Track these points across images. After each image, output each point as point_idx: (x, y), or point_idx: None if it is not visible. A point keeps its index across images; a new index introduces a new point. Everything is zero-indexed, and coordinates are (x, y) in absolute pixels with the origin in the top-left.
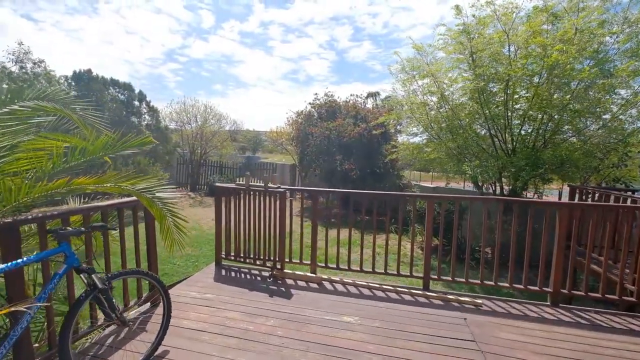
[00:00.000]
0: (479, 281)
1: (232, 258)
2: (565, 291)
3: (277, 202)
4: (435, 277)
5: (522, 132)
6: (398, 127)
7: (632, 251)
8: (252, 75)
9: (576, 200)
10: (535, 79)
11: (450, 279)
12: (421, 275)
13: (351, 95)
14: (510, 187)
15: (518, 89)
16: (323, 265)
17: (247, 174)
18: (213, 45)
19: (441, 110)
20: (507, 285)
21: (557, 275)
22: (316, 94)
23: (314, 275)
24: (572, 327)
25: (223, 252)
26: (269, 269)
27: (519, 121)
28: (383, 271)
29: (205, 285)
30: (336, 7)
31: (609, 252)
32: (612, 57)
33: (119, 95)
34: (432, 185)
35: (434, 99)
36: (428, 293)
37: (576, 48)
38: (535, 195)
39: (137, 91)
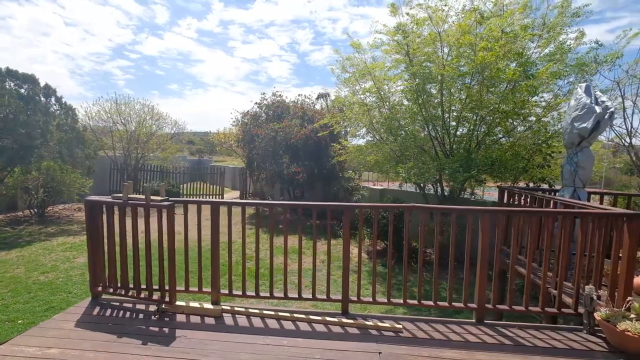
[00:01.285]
0: (401, 300)
1: (114, 290)
2: (489, 306)
3: (164, 218)
4: (355, 299)
5: (458, 134)
6: (345, 129)
7: (554, 250)
8: (212, 76)
9: (505, 201)
10: (468, 80)
11: (370, 299)
12: (339, 297)
13: (299, 95)
14: (449, 188)
15: (452, 90)
16: (226, 292)
17: (126, 184)
18: (168, 42)
19: (382, 110)
20: (431, 303)
21: (482, 290)
22: (263, 93)
23: (211, 307)
24: (494, 351)
25: (103, 283)
26: (156, 302)
27: (455, 123)
28: (297, 296)
29: (58, 335)
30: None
31: (531, 257)
32: (535, 60)
33: (18, 88)
34: (379, 187)
35: (374, 98)
36: (345, 320)
37: (502, 50)
38: (473, 196)
39: (42, 84)
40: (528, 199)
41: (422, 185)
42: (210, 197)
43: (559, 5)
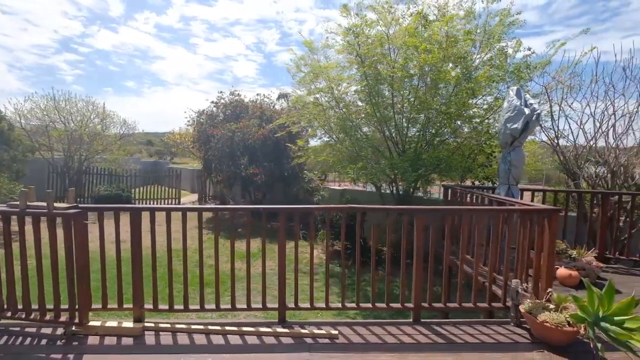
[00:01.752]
0: (340, 305)
1: (12, 313)
2: (425, 305)
3: (72, 227)
4: (293, 306)
5: (410, 134)
6: (305, 130)
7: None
8: (173, 73)
9: (449, 199)
10: (415, 82)
11: (309, 306)
12: (275, 305)
13: (257, 95)
14: (404, 187)
15: (402, 92)
16: (151, 307)
17: (24, 191)
18: (124, 36)
19: (336, 110)
20: (369, 306)
21: (418, 289)
22: (221, 92)
23: (131, 325)
24: (427, 351)
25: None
26: (63, 324)
27: (407, 123)
28: (230, 306)
29: None
30: (263, 10)
31: (464, 253)
32: (478, 65)
33: None
34: (340, 188)
35: (328, 98)
36: (280, 330)
37: (442, 53)
38: (426, 195)
39: None
40: (467, 197)
41: (378, 185)
42: (166, 201)
43: (499, 13)
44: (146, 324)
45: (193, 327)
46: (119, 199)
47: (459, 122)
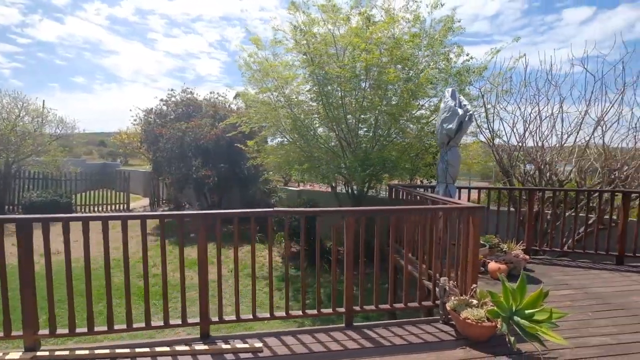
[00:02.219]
0: (268, 314)
1: None
2: (357, 308)
3: None
4: (217, 319)
5: (361, 134)
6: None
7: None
8: (129, 69)
9: (393, 197)
10: (363, 83)
11: (234, 318)
12: (197, 320)
13: (211, 93)
14: (357, 187)
15: (351, 92)
16: (46, 332)
17: None
18: (71, 27)
19: (288, 110)
20: (300, 313)
21: (349, 292)
22: (172, 89)
23: (16, 357)
24: (355, 357)
25: None
26: None
27: (357, 123)
28: (144, 324)
29: None
30: (227, 7)
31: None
32: (423, 67)
33: None
34: (297, 189)
35: (281, 97)
36: (199, 347)
37: (383, 53)
38: (379, 194)
39: None
40: (407, 196)
41: (333, 185)
42: (113, 207)
43: (443, 19)
44: (39, 354)
45: (97, 352)
46: (55, 206)
47: (408, 123)
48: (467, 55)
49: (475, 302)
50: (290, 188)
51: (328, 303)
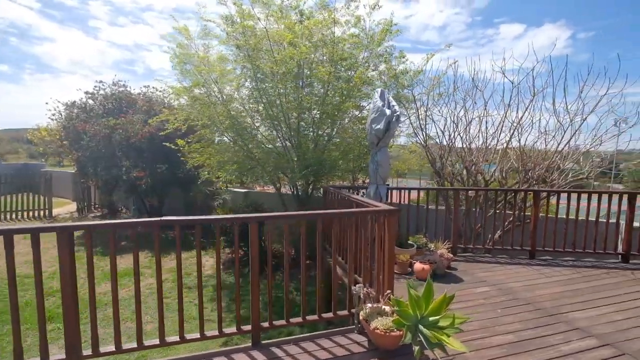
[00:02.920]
0: (157, 341)
1: None
2: (265, 325)
3: None
4: (90, 353)
5: (303, 133)
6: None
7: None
8: (66, 59)
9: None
10: (297, 81)
11: (113, 349)
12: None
13: (145, 86)
14: (302, 188)
15: (286, 89)
16: None
17: None
18: None
19: (223, 107)
20: (197, 336)
21: (255, 307)
22: (100, 81)
23: None
24: None
25: None
26: None
27: (298, 122)
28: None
29: None
30: None
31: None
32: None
33: None
34: (243, 190)
35: (209, 92)
36: None
37: (329, 51)
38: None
39: None
40: (337, 198)
41: (277, 186)
42: (32, 213)
43: (383, 22)
44: None
45: None
46: None
47: (350, 124)
48: (404, 58)
49: (388, 309)
50: (237, 190)
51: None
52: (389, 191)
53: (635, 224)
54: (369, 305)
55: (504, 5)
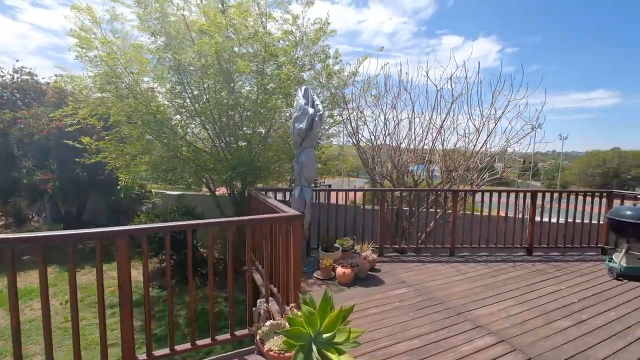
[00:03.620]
0: None
1: None
2: (142, 357)
3: None
4: None
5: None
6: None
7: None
8: None
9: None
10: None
11: None
12: None
13: (57, 75)
14: (239, 190)
15: (209, 84)
16: None
17: None
18: None
19: (129, 101)
20: None
21: (128, 333)
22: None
23: None
24: None
25: None
26: None
27: (227, 120)
28: None
29: None
30: None
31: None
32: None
33: None
34: (175, 193)
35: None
36: None
37: (262, 44)
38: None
39: None
40: (257, 202)
41: (212, 188)
42: None
43: (318, 21)
44: None
45: None
46: None
47: (287, 123)
48: (339, 58)
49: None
50: (172, 193)
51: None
52: (316, 193)
53: (538, 219)
54: (270, 322)
55: (445, 18)
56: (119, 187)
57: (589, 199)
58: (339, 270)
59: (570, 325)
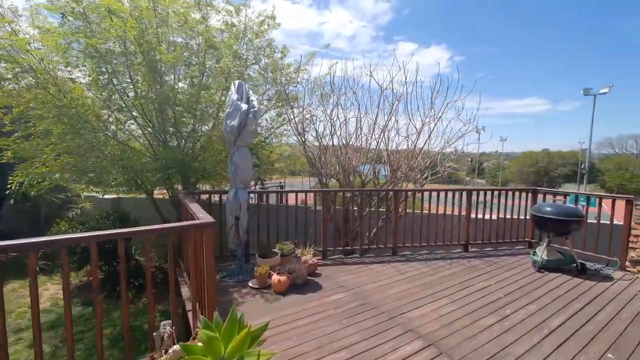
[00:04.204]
0: None
1: None
2: None
3: None
4: None
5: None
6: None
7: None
8: None
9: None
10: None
11: None
12: None
13: None
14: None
15: (132, 74)
16: None
17: None
18: None
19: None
20: None
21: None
22: None
23: None
24: None
25: None
26: None
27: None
28: None
29: None
30: None
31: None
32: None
33: None
34: (111, 197)
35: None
36: None
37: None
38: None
39: None
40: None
41: (150, 191)
42: None
43: (263, 14)
44: None
45: None
46: None
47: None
48: (285, 52)
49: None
50: (108, 197)
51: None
52: (264, 195)
53: (476, 216)
54: (174, 347)
55: (401, 25)
56: (19, 189)
57: (517, 195)
58: (274, 278)
59: (495, 322)
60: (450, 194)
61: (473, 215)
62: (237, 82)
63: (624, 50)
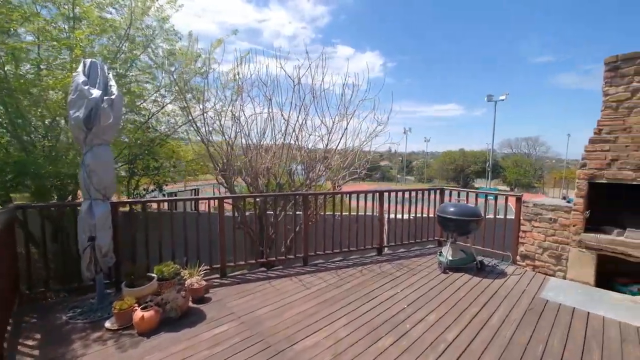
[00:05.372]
0: None
1: None
2: None
3: None
4: None
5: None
6: None
7: None
8: None
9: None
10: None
11: None
12: None
13: None
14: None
15: None
16: None
17: None
18: None
19: None
20: None
21: None
22: None
23: None
24: None
25: None
26: None
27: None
28: None
29: None
30: None
31: None
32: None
33: None
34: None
35: None
36: None
37: None
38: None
39: None
40: None
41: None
42: None
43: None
44: None
45: None
46: None
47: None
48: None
49: None
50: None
51: None
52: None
53: (390, 217)
54: None
55: (338, 29)
56: None
57: (427, 195)
58: (137, 314)
59: (392, 343)
60: (362, 196)
61: (387, 216)
62: (88, 61)
63: (518, 65)
